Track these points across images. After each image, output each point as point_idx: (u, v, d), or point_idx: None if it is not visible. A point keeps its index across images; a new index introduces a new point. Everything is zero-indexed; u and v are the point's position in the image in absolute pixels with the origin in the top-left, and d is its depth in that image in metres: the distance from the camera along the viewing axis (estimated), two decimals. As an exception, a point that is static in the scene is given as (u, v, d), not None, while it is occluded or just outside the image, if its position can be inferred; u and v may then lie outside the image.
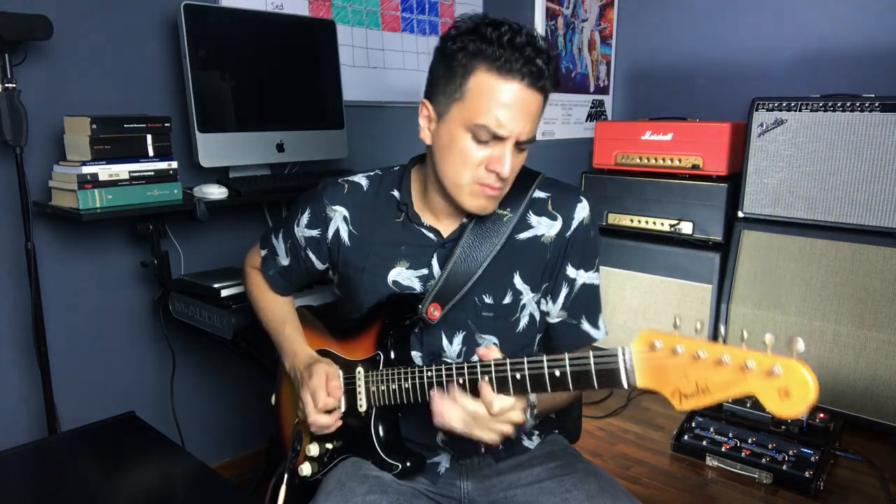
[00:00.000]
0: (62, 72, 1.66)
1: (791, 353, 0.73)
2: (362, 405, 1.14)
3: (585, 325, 1.20)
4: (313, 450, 1.20)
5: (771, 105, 2.48)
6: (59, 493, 1.17)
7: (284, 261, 1.30)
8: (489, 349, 0.99)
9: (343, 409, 1.17)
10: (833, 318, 2.40)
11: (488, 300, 1.14)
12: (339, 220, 1.21)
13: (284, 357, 1.26)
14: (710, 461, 2.20)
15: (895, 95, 2.31)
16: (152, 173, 1.63)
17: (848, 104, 2.33)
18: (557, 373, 0.90)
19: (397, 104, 2.44)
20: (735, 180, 2.63)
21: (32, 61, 1.58)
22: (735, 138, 2.64)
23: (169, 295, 1.76)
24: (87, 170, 1.52)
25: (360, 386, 1.15)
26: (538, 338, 1.23)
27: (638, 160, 2.87)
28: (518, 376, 0.94)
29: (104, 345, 1.84)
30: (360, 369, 1.15)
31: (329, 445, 1.19)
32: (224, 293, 1.62)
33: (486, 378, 0.95)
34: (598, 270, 1.21)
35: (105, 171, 1.55)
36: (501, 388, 0.95)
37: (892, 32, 2.66)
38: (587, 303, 1.20)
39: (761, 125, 2.51)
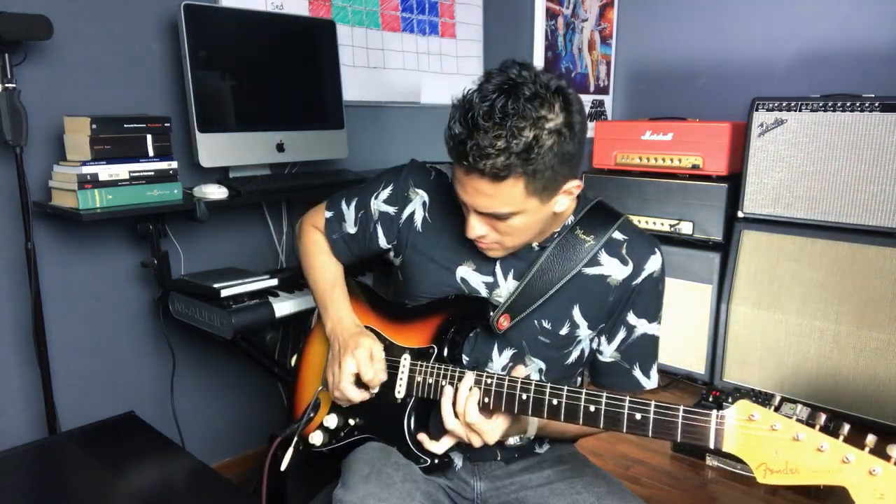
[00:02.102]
0: (62, 72, 1.66)
1: (890, 457, 0.76)
2: (400, 392, 1.13)
3: (637, 373, 1.19)
4: (331, 421, 1.19)
5: (771, 105, 2.48)
6: (59, 493, 1.17)
7: (351, 228, 1.28)
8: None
9: (377, 390, 1.16)
10: (833, 318, 2.40)
11: (547, 325, 1.14)
12: (417, 203, 1.21)
13: (327, 319, 1.23)
14: (710, 461, 2.20)
15: (895, 95, 2.31)
16: (152, 173, 1.63)
17: (848, 104, 2.33)
18: (638, 416, 0.90)
19: (397, 104, 2.44)
20: (735, 180, 2.63)
21: (32, 61, 1.58)
22: (735, 138, 2.64)
23: (169, 295, 1.76)
24: (87, 170, 1.52)
25: (402, 373, 1.14)
26: (580, 370, 1.23)
27: (638, 160, 2.87)
28: (592, 409, 0.94)
29: (104, 345, 1.84)
30: (406, 356, 1.14)
31: (351, 421, 1.18)
32: (224, 293, 1.62)
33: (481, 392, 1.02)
34: (660, 322, 1.19)
35: (105, 171, 1.55)
36: (570, 416, 0.96)
37: (891, 32, 2.66)
38: (644, 351, 1.19)
39: (761, 125, 2.51)
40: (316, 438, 1.20)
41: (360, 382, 1.14)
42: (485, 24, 2.73)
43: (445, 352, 1.12)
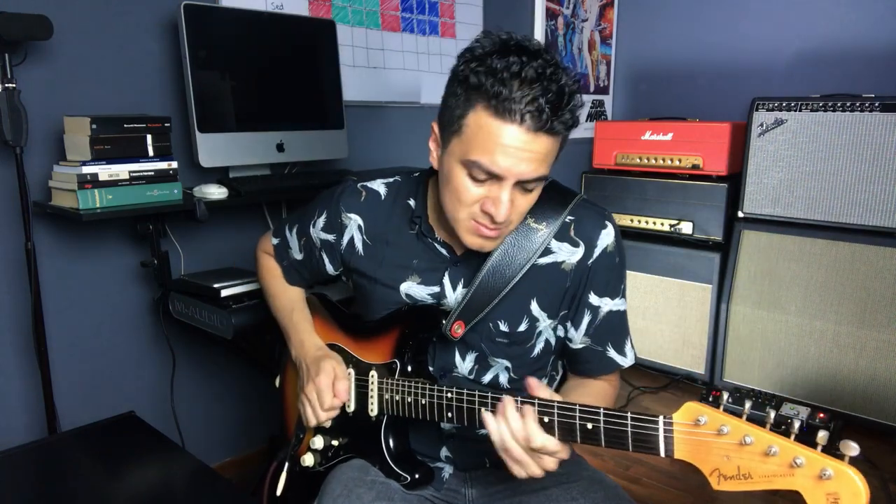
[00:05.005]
0: (62, 72, 1.66)
1: (843, 455, 0.72)
2: (373, 410, 1.12)
3: (611, 353, 1.15)
4: (318, 442, 1.18)
5: (771, 105, 2.48)
6: (59, 493, 1.17)
7: (298, 255, 1.29)
8: (540, 385, 0.94)
9: (353, 409, 1.16)
10: (833, 318, 2.40)
11: (504, 328, 1.11)
12: (353, 228, 1.19)
13: (291, 345, 1.24)
14: (711, 461, 2.20)
15: (895, 95, 2.31)
16: (152, 173, 1.63)
17: (848, 104, 2.33)
18: (590, 426, 0.87)
19: (397, 104, 2.44)
20: (735, 180, 2.63)
21: (32, 61, 1.58)
22: (735, 138, 2.64)
23: (169, 295, 1.76)
24: (87, 170, 1.52)
25: (372, 391, 1.13)
26: (552, 360, 1.20)
27: (638, 160, 2.87)
28: (546, 420, 0.90)
29: (104, 345, 1.84)
30: (373, 373, 1.13)
31: (335, 442, 1.18)
32: (224, 293, 1.62)
33: (536, 414, 0.89)
34: (623, 296, 1.14)
35: (105, 171, 1.55)
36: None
37: (891, 33, 2.66)
38: (613, 330, 1.14)
39: (761, 125, 2.51)
40: (308, 460, 1.20)
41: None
42: (485, 24, 2.73)
43: (409, 367, 1.10)
